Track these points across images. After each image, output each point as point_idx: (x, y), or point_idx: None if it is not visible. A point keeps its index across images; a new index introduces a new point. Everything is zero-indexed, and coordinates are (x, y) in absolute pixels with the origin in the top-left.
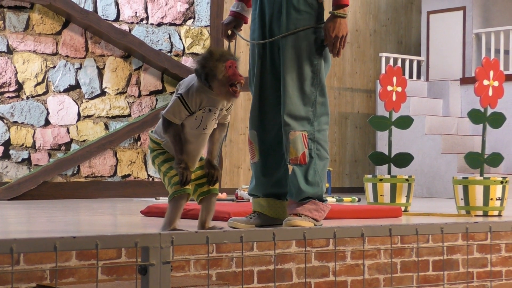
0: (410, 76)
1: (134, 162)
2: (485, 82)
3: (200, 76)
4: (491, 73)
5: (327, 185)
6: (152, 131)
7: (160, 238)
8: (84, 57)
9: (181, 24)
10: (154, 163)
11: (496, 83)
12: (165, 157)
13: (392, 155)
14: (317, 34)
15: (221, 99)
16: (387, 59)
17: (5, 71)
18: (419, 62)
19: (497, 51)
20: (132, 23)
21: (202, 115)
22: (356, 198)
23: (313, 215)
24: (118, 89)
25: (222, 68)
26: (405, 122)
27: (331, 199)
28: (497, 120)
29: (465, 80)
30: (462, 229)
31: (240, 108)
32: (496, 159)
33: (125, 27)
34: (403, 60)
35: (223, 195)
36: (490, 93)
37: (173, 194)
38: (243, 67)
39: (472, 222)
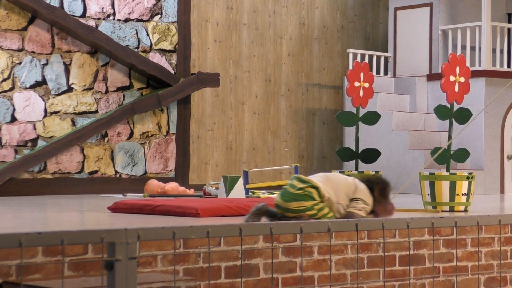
0: (378, 72)
1: (101, 158)
2: (452, 78)
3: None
4: (458, 69)
5: None
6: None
7: (126, 234)
8: (51, 53)
9: (148, 20)
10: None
11: (462, 79)
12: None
13: (360, 151)
14: None
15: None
16: (355, 55)
17: None
18: (386, 58)
19: (464, 47)
20: (99, 19)
21: None
22: None
23: None
24: (85, 85)
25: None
26: (372, 118)
27: None
28: (463, 116)
29: (432, 76)
30: (428, 224)
31: (208, 104)
32: (462, 155)
33: (91, 23)
34: (371, 56)
35: (190, 191)
36: (457, 89)
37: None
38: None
39: (438, 217)
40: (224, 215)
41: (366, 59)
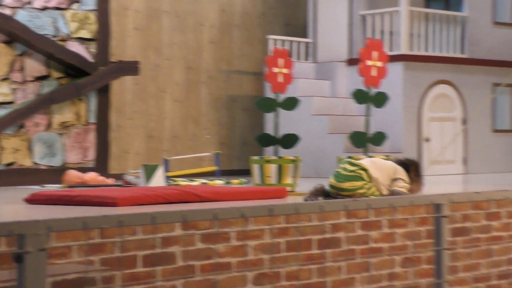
0: (298, 58)
1: (19, 149)
2: (369, 63)
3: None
4: (375, 53)
5: (216, 167)
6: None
7: (36, 226)
8: None
9: (66, 8)
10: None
11: (379, 64)
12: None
13: (280, 136)
14: None
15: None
16: (275, 41)
17: None
18: (306, 44)
19: (383, 32)
20: (15, 7)
21: None
22: (244, 180)
23: None
24: (0, 76)
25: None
26: (291, 103)
27: (219, 182)
28: (381, 99)
29: (351, 61)
30: (342, 207)
31: (128, 92)
32: (379, 138)
33: (7, 11)
34: (291, 42)
35: (110, 181)
36: (374, 73)
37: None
38: None
39: (352, 199)
40: (143, 204)
41: (287, 45)
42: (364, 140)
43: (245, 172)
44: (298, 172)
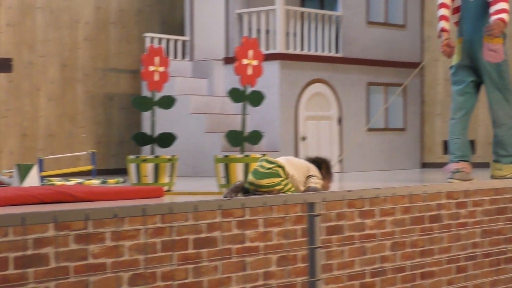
0: (175, 56)
1: None
2: (245, 61)
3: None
4: (251, 52)
5: (92, 167)
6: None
7: None
8: None
9: None
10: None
11: (255, 62)
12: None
13: (156, 135)
14: None
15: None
16: (152, 39)
17: None
18: (183, 42)
19: (259, 31)
20: None
21: None
22: (121, 180)
23: None
24: None
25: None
26: (168, 102)
27: (95, 181)
28: (257, 98)
29: (228, 60)
30: (216, 206)
31: (1, 90)
32: (255, 137)
33: None
34: (168, 40)
35: None
36: (250, 72)
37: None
38: None
39: (226, 199)
40: (16, 204)
41: (164, 43)
42: (240, 139)
43: (122, 171)
44: (175, 171)
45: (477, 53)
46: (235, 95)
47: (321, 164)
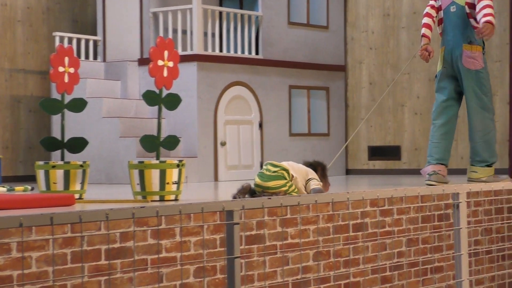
0: (87, 57)
1: None
2: (160, 63)
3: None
4: (166, 53)
5: None
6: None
7: None
8: None
9: None
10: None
11: (171, 64)
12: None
13: (66, 140)
14: None
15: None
16: (62, 38)
17: None
18: (95, 42)
19: (175, 31)
20: None
21: None
22: (29, 187)
23: None
24: None
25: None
26: (79, 104)
27: (1, 189)
28: (173, 101)
29: (143, 61)
30: (129, 214)
31: None
32: (172, 142)
33: None
34: (79, 40)
35: None
36: (165, 73)
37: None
38: None
39: (139, 207)
40: None
41: (74, 43)
42: (156, 144)
43: (31, 178)
44: (87, 178)
45: (458, 61)
46: (150, 98)
47: (317, 167)
